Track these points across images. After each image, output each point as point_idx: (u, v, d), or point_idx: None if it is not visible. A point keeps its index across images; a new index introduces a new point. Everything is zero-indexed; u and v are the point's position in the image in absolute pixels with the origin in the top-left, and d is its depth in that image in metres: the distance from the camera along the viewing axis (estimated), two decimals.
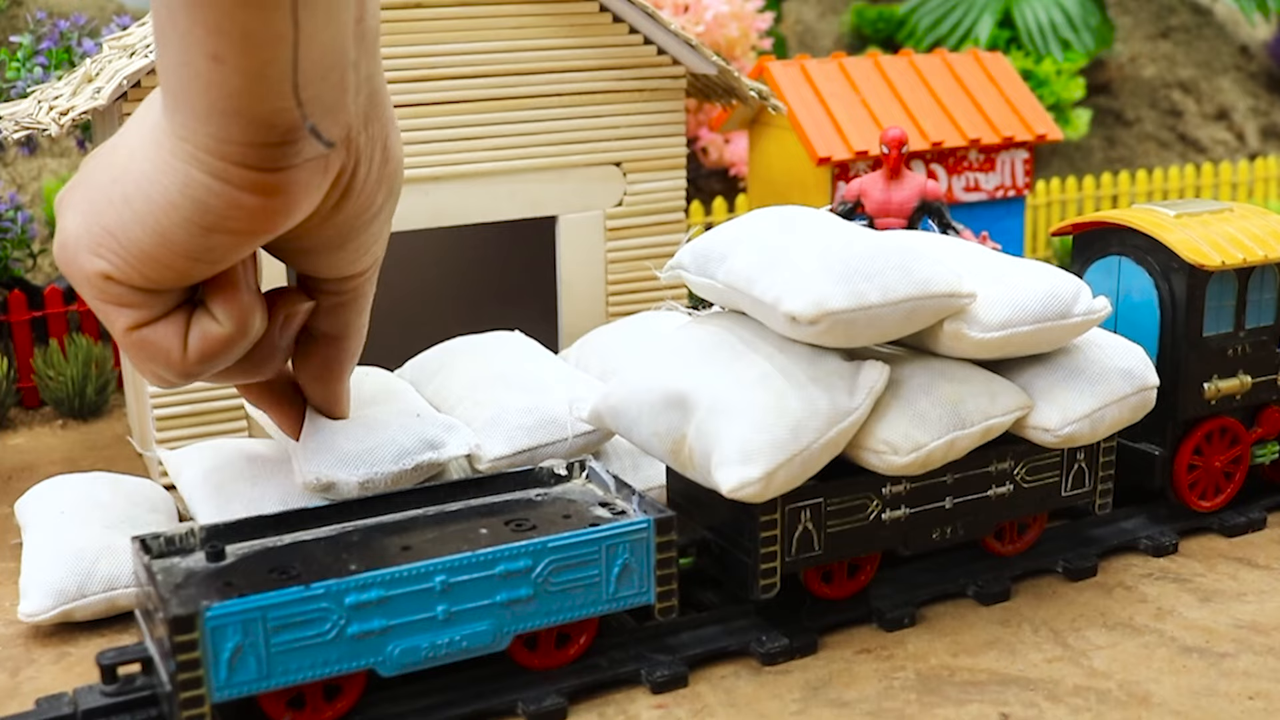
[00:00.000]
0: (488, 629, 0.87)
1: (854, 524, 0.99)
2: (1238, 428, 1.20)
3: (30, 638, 1.02)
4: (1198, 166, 2.44)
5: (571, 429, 1.09)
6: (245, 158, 0.67)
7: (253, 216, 0.70)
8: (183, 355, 0.78)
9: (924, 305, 0.95)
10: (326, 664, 0.83)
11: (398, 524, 0.94)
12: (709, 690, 0.94)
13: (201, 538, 0.90)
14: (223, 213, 0.69)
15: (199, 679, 0.79)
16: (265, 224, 0.71)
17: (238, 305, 0.78)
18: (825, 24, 2.72)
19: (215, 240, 0.71)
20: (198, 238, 0.71)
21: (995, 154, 1.76)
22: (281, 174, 0.68)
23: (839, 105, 1.72)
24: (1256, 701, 0.92)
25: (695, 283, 1.04)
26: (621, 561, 0.90)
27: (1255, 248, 1.15)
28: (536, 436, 1.08)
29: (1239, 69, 2.90)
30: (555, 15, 1.35)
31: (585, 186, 1.41)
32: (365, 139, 0.74)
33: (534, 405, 1.10)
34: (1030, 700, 0.92)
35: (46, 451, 1.45)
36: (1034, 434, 1.02)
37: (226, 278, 0.78)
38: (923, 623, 1.03)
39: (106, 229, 0.73)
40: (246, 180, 0.68)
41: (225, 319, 0.78)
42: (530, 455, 1.07)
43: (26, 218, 1.70)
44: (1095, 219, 1.22)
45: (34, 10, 2.05)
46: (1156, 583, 1.10)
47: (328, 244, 0.79)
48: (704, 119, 2.06)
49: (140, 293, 0.75)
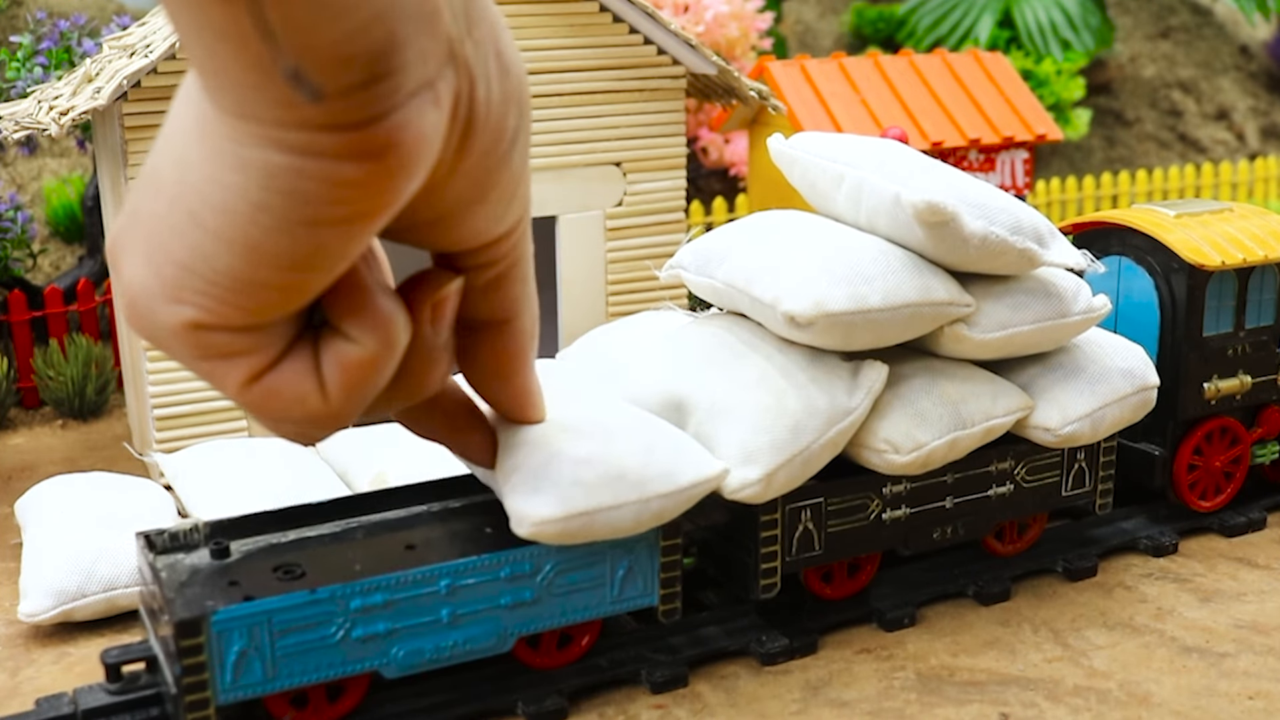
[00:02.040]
0: (492, 631, 0.87)
1: (854, 524, 0.99)
2: (1238, 428, 1.20)
3: (30, 638, 1.02)
4: (1198, 166, 2.44)
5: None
6: (331, 115, 0.50)
7: (365, 190, 0.53)
8: (322, 397, 0.61)
9: (923, 312, 0.95)
10: (331, 666, 0.83)
11: (402, 520, 0.94)
12: (709, 690, 0.94)
13: (206, 534, 0.90)
14: (325, 196, 0.53)
15: (204, 682, 0.79)
16: (383, 196, 0.54)
17: (374, 314, 0.61)
18: (825, 24, 2.72)
19: (324, 236, 0.55)
20: (302, 239, 0.54)
21: (995, 154, 1.76)
22: (383, 123, 0.51)
23: (839, 105, 1.72)
24: (1256, 701, 0.92)
25: (695, 283, 1.04)
26: (626, 564, 0.90)
27: (1255, 248, 1.15)
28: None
29: (1239, 69, 2.90)
30: (555, 15, 1.35)
31: (585, 186, 1.41)
32: (473, 48, 0.56)
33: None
34: (1030, 700, 0.92)
35: (46, 451, 1.45)
36: (1035, 434, 1.03)
37: (350, 284, 0.61)
38: (923, 623, 1.03)
39: (181, 265, 0.56)
40: (343, 144, 0.51)
41: (363, 335, 0.61)
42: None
43: (26, 218, 1.70)
44: (1095, 219, 1.22)
45: (34, 10, 2.05)
46: (1156, 583, 1.10)
47: (464, 200, 0.62)
48: (704, 119, 2.06)
49: (246, 334, 0.58)
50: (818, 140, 1.06)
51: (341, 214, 0.54)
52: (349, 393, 0.62)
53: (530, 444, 0.87)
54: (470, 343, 0.73)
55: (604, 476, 0.85)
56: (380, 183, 0.53)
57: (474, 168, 0.60)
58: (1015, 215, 0.96)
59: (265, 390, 0.61)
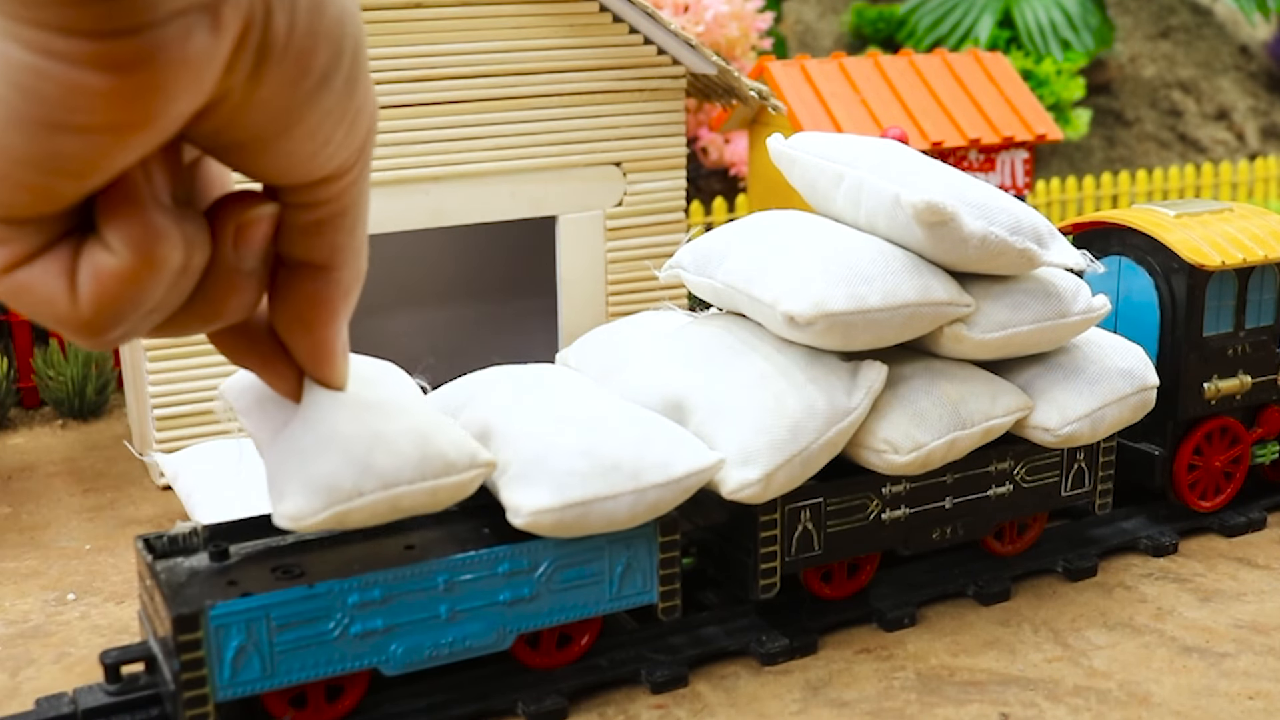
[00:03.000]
0: (491, 628, 0.87)
1: (854, 524, 0.99)
2: (1238, 428, 1.20)
3: (30, 638, 1.02)
4: (1198, 166, 2.44)
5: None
6: (77, 19, 0.48)
7: (109, 104, 0.51)
8: (71, 301, 0.59)
9: (923, 312, 0.95)
10: (330, 663, 0.83)
11: (401, 523, 0.94)
12: (709, 690, 0.94)
13: (205, 537, 0.90)
14: (64, 102, 0.50)
15: (203, 678, 0.79)
16: (133, 113, 0.52)
17: (136, 225, 0.59)
18: (825, 24, 2.72)
19: (65, 142, 0.53)
20: (41, 140, 0.52)
21: (995, 154, 1.76)
22: (137, 37, 0.49)
23: (839, 105, 1.72)
24: (1256, 701, 0.92)
25: (694, 283, 1.04)
26: (624, 560, 0.91)
27: (1255, 248, 1.15)
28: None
29: (1239, 69, 2.90)
30: (555, 15, 1.35)
31: (585, 186, 1.41)
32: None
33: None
34: (1030, 700, 0.92)
35: (46, 451, 1.45)
36: (1034, 434, 1.03)
37: (120, 193, 0.58)
38: (923, 623, 1.03)
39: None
40: (85, 52, 0.49)
41: (120, 245, 0.58)
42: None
43: None
44: (1095, 219, 1.22)
45: None
46: (1156, 583, 1.10)
47: (265, 132, 0.60)
48: (704, 119, 2.06)
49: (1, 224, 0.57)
50: (817, 140, 1.06)
51: (83, 122, 0.51)
52: (101, 304, 0.59)
53: (525, 436, 0.87)
54: (284, 281, 0.71)
55: (599, 467, 0.85)
56: (129, 99, 0.51)
57: (272, 99, 0.57)
58: (1015, 215, 0.96)
59: (16, 284, 0.59)
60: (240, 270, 0.65)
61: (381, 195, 1.31)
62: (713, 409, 0.93)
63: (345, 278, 0.71)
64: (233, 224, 0.65)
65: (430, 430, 0.83)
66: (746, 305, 0.98)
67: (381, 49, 1.28)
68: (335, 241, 0.69)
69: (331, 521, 0.78)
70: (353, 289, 0.72)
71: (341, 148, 0.63)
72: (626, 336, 1.15)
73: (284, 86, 0.57)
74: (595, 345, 1.24)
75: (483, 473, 0.84)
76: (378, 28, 1.27)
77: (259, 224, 0.66)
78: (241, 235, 0.65)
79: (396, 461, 0.80)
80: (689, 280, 1.05)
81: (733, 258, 1.00)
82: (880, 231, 0.98)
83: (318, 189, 0.65)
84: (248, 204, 0.65)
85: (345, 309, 0.73)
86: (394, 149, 1.31)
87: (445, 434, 0.83)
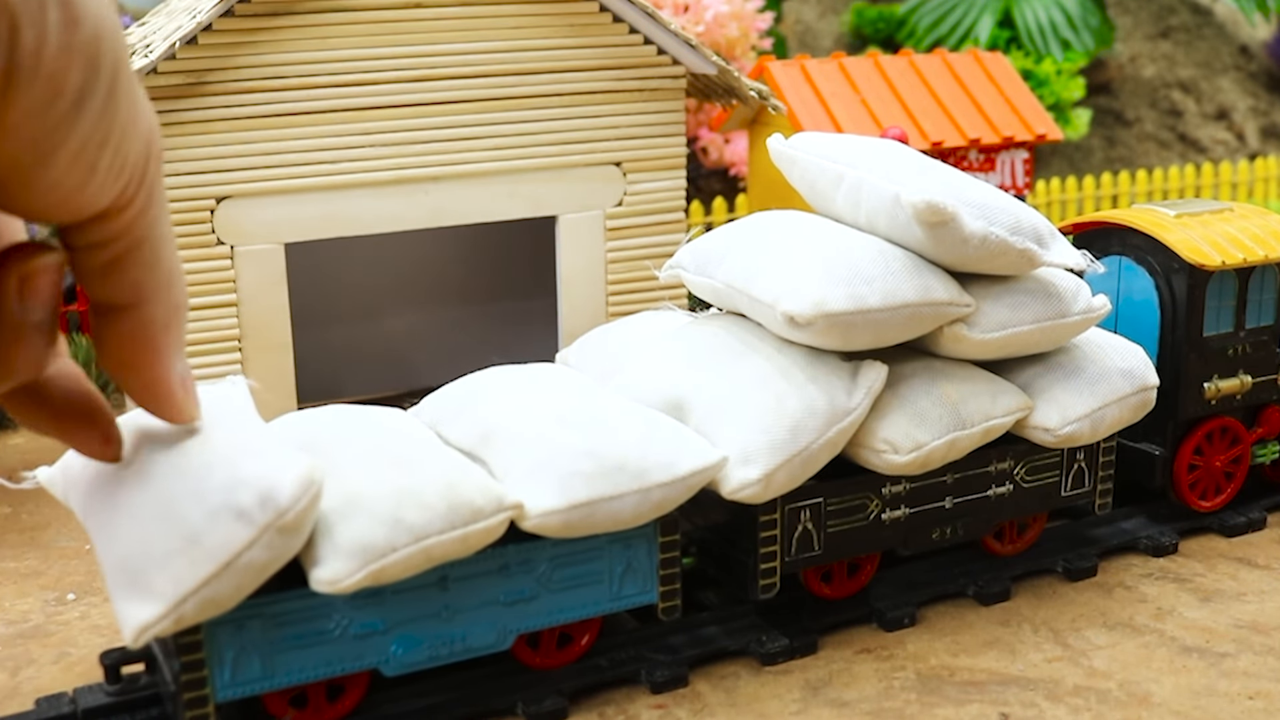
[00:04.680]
0: (491, 628, 0.87)
1: (854, 524, 0.99)
2: (1238, 428, 1.20)
3: (30, 638, 1.02)
4: (1198, 166, 2.44)
5: None
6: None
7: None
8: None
9: (923, 312, 0.95)
10: (330, 663, 0.83)
11: None
12: (709, 690, 0.94)
13: None
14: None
15: (203, 679, 0.79)
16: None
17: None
18: (825, 24, 2.72)
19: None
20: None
21: (995, 154, 1.76)
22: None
23: (839, 105, 1.72)
24: (1256, 701, 0.92)
25: (694, 282, 1.04)
26: (624, 560, 0.91)
27: (1255, 248, 1.15)
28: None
29: (1239, 69, 2.90)
30: (555, 15, 1.35)
31: (585, 186, 1.41)
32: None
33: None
34: (1030, 700, 0.92)
35: (46, 451, 1.45)
36: (1034, 434, 1.03)
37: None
38: (923, 623, 1.03)
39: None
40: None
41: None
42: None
43: None
44: (1095, 219, 1.22)
45: None
46: (1156, 583, 1.10)
47: (20, 162, 0.55)
48: (704, 119, 2.06)
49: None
50: (817, 140, 1.06)
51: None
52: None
53: (528, 437, 0.87)
54: (99, 325, 0.67)
55: (604, 467, 0.85)
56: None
57: (24, 124, 0.53)
58: (1015, 215, 0.96)
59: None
60: (27, 324, 0.60)
61: (381, 195, 1.31)
62: (713, 409, 0.93)
63: (158, 314, 0.66)
64: (15, 275, 0.59)
65: (456, 479, 0.83)
66: (746, 305, 0.98)
67: (381, 49, 1.28)
68: (136, 279, 0.64)
69: (368, 580, 0.78)
70: (171, 323, 0.67)
71: (112, 174, 0.58)
72: (626, 336, 1.15)
73: (36, 110, 0.52)
74: (595, 345, 1.24)
75: (510, 515, 0.84)
76: (378, 28, 1.27)
77: (44, 274, 0.60)
78: (27, 287, 0.60)
79: (426, 515, 0.80)
80: (689, 280, 1.05)
81: (733, 258, 1.00)
82: (880, 231, 0.98)
83: (102, 225, 0.61)
84: (30, 254, 0.60)
85: (170, 344, 0.68)
86: (394, 149, 1.31)
87: (470, 480, 0.84)
